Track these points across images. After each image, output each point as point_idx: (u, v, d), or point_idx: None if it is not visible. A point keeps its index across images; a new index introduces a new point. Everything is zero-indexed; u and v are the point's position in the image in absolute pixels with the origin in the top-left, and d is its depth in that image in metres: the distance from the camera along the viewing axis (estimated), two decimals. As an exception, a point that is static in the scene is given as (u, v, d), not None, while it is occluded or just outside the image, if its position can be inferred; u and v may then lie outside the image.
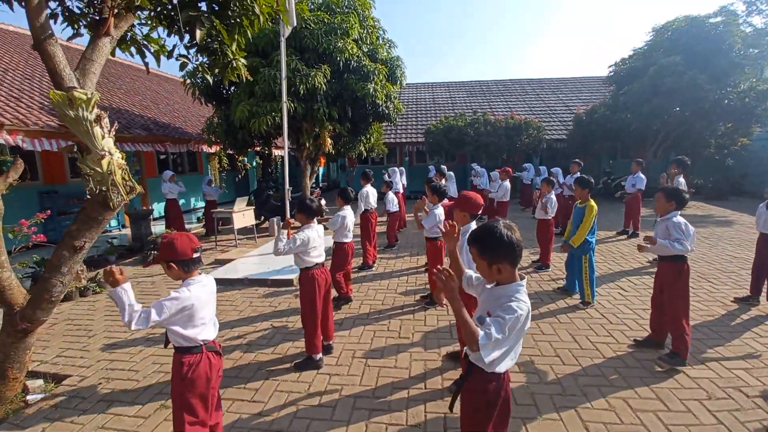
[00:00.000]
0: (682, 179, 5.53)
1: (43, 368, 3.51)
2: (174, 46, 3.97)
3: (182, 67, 4.23)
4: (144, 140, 8.44)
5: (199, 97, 8.69)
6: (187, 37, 3.65)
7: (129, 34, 3.73)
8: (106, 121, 2.58)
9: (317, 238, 3.37)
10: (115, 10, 2.59)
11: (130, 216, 9.04)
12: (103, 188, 2.58)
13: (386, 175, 9.50)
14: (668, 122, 10.94)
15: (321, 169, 21.94)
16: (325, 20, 7.40)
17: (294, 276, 5.83)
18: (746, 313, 4.30)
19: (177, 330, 1.99)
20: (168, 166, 12.81)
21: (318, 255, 3.39)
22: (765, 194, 4.59)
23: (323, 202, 10.40)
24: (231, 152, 10.76)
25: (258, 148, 10.66)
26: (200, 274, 2.13)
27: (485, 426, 1.73)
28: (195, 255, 2.02)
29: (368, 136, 11.02)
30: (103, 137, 2.52)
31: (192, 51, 4.07)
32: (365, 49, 8.35)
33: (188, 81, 7.86)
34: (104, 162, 2.48)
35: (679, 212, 3.29)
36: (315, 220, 3.45)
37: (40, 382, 3.23)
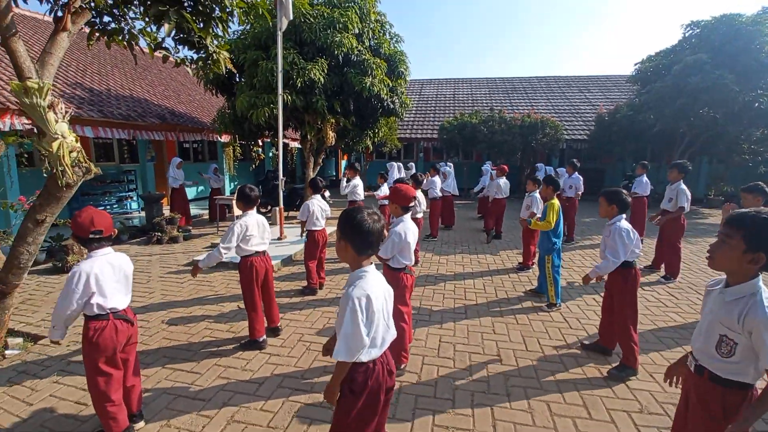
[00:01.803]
0: (683, 186, 5.22)
1: (27, 329, 3.90)
2: (163, 39, 4.24)
3: (164, 60, 4.50)
4: (157, 128, 8.95)
5: (210, 88, 9.09)
6: (164, 29, 3.91)
7: (127, 27, 4.04)
8: (60, 107, 2.83)
9: (255, 227, 3.49)
10: (72, 9, 2.82)
11: (144, 199, 9.65)
12: (58, 168, 2.84)
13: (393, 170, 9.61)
14: (695, 124, 10.27)
15: (343, 163, 22.29)
16: (325, 14, 7.52)
17: (277, 261, 6.06)
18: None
19: (86, 300, 2.18)
20: (189, 154, 13.50)
21: (257, 243, 3.50)
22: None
23: (327, 194, 10.62)
24: (243, 142, 11.15)
25: (267, 139, 10.99)
26: (110, 251, 2.29)
27: (349, 414, 1.71)
28: (91, 236, 2.17)
29: (376, 130, 11.10)
30: (57, 122, 2.77)
31: (172, 44, 4.34)
32: (368, 44, 8.41)
33: (197, 71, 8.22)
34: (55, 144, 2.73)
35: (624, 216, 3.17)
36: (254, 208, 3.55)
37: (19, 339, 3.60)
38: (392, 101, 9.22)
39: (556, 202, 4.38)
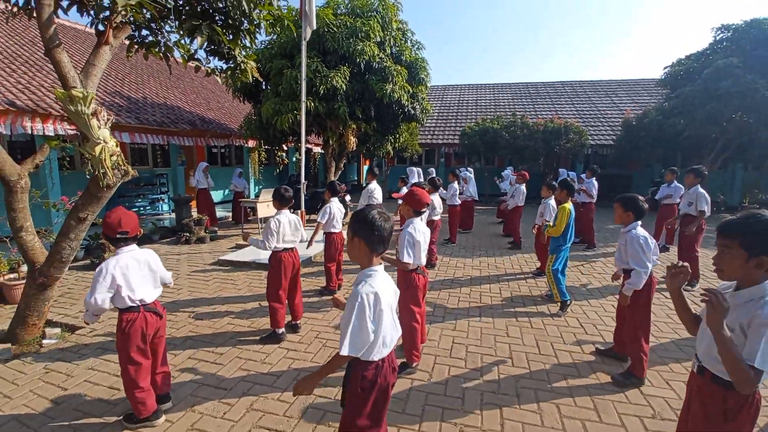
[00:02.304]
0: (701, 190, 5.09)
1: (65, 320, 4.21)
2: (195, 51, 4.53)
3: (196, 69, 4.80)
4: (188, 134, 9.41)
5: (238, 95, 9.50)
6: (197, 41, 4.19)
7: (163, 40, 4.36)
8: (103, 114, 3.10)
9: (288, 225, 3.70)
10: (114, 24, 3.11)
11: (174, 201, 10.13)
12: (100, 170, 3.10)
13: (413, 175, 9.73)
14: (727, 129, 9.87)
15: (365, 168, 22.61)
16: (348, 24, 7.75)
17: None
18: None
19: (115, 294, 2.40)
20: (217, 159, 14.07)
21: (289, 240, 3.71)
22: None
23: (348, 198, 10.84)
24: (268, 147, 11.54)
25: (290, 144, 11.33)
26: (134, 248, 2.51)
27: (361, 412, 1.76)
28: (118, 236, 2.39)
29: (396, 136, 11.26)
30: (99, 128, 3.04)
31: (204, 55, 4.63)
32: (390, 51, 8.59)
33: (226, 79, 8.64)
34: (97, 149, 3.00)
35: (640, 223, 3.14)
36: (288, 208, 3.78)
37: (57, 330, 3.89)
38: (413, 107, 9.35)
39: (568, 206, 4.37)
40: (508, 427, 2.60)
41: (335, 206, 4.91)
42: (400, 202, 7.25)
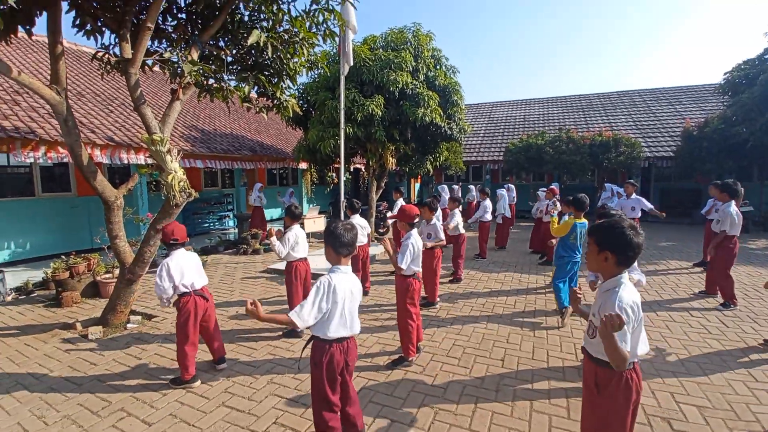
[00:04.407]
0: (730, 208, 4.91)
1: (145, 310, 5.30)
2: (248, 94, 5.56)
3: (248, 110, 5.84)
4: (249, 159, 10.81)
5: (290, 124, 10.74)
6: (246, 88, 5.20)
7: (225, 86, 5.45)
8: (174, 152, 4.10)
9: (302, 237, 4.43)
10: (183, 84, 4.14)
11: (237, 218, 11.57)
12: (171, 193, 4.09)
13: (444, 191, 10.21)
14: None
15: (417, 186, 23.28)
16: (382, 57, 8.57)
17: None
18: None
19: (173, 283, 3.27)
20: (275, 179, 15.66)
21: (301, 251, 4.42)
22: None
23: (389, 214, 11.53)
24: (317, 168, 12.68)
25: (337, 166, 12.34)
26: (187, 251, 3.42)
27: (317, 383, 2.33)
28: (171, 242, 3.28)
29: (436, 155, 11.81)
30: (171, 161, 4.04)
31: (255, 96, 5.66)
32: (423, 78, 9.24)
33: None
34: (170, 177, 3.98)
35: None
36: (297, 223, 4.50)
37: (138, 317, 4.97)
38: (449, 127, 9.86)
39: (573, 221, 4.56)
40: (478, 415, 2.98)
41: (356, 223, 5.56)
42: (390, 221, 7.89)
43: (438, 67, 9.82)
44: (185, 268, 3.30)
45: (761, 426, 2.80)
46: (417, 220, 3.76)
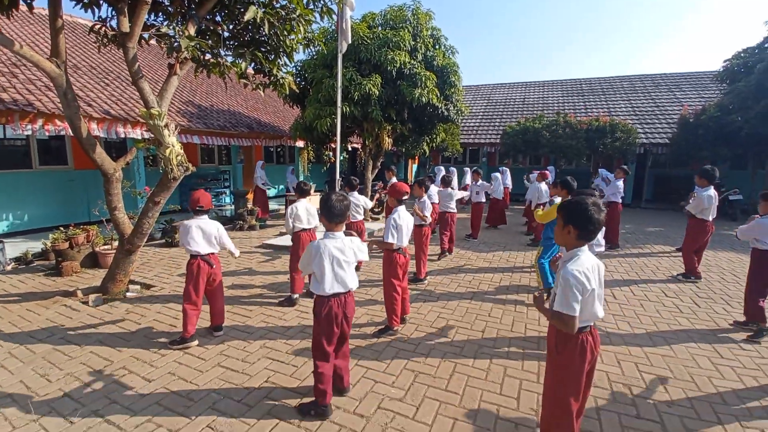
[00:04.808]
0: (706, 192, 5.10)
1: (144, 280, 5.50)
2: (245, 70, 5.60)
3: (245, 86, 5.88)
4: (246, 136, 10.84)
5: (287, 101, 10.73)
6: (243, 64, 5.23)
7: (222, 62, 5.48)
8: (171, 126, 4.20)
9: (303, 210, 4.59)
10: (180, 59, 4.19)
11: (233, 194, 11.68)
12: (168, 167, 4.22)
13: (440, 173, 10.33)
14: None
15: (414, 167, 23.34)
16: (380, 36, 8.53)
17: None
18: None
19: (184, 245, 3.49)
20: (273, 157, 15.69)
21: (305, 222, 4.61)
22: None
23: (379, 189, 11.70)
24: (314, 146, 12.73)
25: (333, 144, 12.39)
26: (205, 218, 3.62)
27: (317, 330, 2.63)
28: (197, 209, 3.50)
29: (433, 136, 11.86)
30: (169, 136, 4.14)
31: (252, 73, 5.69)
32: (421, 57, 9.22)
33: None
34: (167, 151, 4.10)
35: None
36: (305, 197, 4.66)
37: (137, 287, 5.17)
38: (446, 108, 9.90)
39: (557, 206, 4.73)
40: (455, 378, 3.21)
41: (353, 199, 5.72)
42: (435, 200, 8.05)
43: (437, 46, 9.78)
44: (198, 233, 3.53)
45: (722, 399, 3.00)
46: (406, 197, 3.92)
